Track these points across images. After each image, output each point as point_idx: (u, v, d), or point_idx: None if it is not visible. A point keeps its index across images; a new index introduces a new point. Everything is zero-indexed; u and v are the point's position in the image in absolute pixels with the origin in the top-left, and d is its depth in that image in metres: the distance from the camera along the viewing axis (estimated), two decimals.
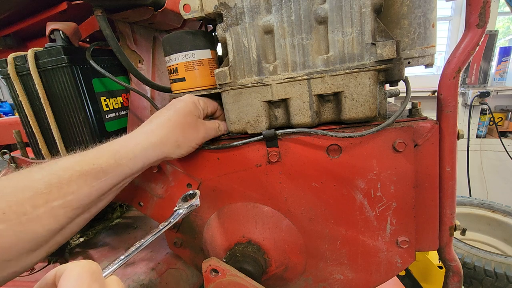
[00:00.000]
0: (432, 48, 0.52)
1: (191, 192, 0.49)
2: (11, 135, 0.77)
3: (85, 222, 0.42)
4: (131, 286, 0.66)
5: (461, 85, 2.54)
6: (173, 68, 0.55)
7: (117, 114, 0.73)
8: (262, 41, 0.49)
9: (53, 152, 0.68)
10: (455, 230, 0.54)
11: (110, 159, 0.42)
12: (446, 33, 2.77)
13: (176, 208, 0.46)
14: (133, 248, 0.37)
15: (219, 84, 0.52)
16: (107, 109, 0.69)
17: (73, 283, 0.26)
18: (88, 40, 0.74)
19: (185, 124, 0.48)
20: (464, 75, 2.53)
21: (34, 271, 0.78)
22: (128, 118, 0.75)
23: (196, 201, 0.47)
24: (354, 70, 0.46)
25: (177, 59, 0.54)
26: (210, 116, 0.57)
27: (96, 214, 0.44)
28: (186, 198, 0.48)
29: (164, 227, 0.43)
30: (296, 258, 0.58)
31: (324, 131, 0.48)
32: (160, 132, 0.46)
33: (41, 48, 0.61)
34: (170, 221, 0.44)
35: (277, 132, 0.50)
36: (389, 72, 0.47)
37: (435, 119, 0.50)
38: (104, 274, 0.31)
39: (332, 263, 0.57)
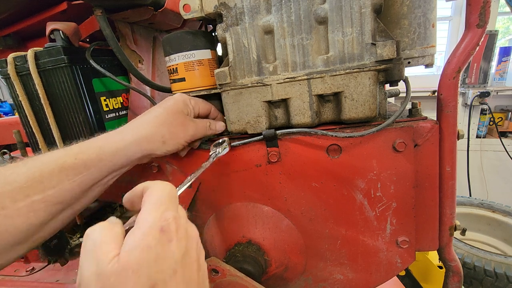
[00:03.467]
0: (432, 48, 0.52)
1: (220, 141, 0.52)
2: (11, 135, 0.77)
3: (69, 219, 0.42)
4: None
5: (461, 85, 2.54)
6: (173, 68, 0.55)
7: (117, 114, 0.73)
8: (262, 41, 0.49)
9: None
10: (455, 230, 0.54)
11: (93, 153, 0.42)
12: (446, 33, 2.77)
13: (211, 152, 0.51)
14: (192, 174, 0.44)
15: (219, 84, 0.52)
16: (107, 109, 0.69)
17: (154, 204, 0.29)
18: (88, 40, 0.74)
19: (172, 122, 0.47)
20: (464, 75, 2.53)
21: (34, 271, 0.78)
22: (128, 118, 0.75)
23: (225, 148, 0.52)
24: (354, 70, 0.46)
25: (177, 59, 0.54)
26: (204, 118, 0.57)
27: (81, 211, 0.43)
28: (216, 145, 0.52)
29: (206, 166, 0.48)
30: (296, 258, 0.58)
31: (324, 131, 0.48)
32: (145, 128, 0.46)
33: (41, 48, 0.60)
34: (209, 160, 0.49)
35: (277, 132, 0.50)
36: (389, 72, 0.47)
37: (435, 119, 0.50)
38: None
39: (332, 263, 0.57)
